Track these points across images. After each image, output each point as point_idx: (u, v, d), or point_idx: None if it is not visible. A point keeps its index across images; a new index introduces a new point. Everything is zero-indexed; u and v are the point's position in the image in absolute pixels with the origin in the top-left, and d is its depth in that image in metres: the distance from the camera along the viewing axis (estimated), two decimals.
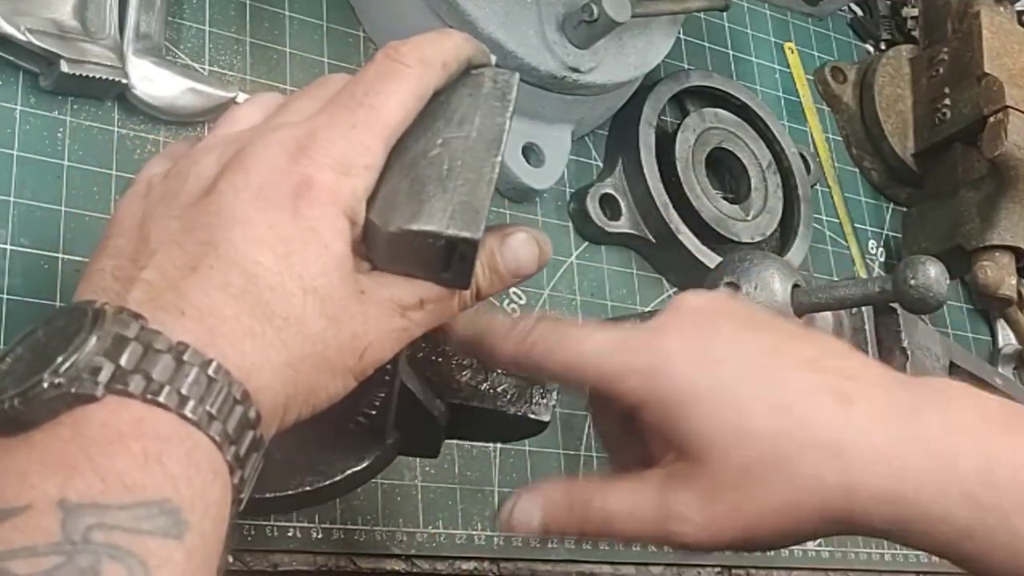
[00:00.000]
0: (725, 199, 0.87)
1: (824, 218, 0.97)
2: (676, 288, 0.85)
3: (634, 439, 0.52)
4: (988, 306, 1.00)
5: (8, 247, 0.60)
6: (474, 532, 0.69)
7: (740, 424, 0.48)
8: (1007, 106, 0.90)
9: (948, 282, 0.74)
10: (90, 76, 0.62)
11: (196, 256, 0.41)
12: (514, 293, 0.77)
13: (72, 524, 0.34)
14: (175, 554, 0.36)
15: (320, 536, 0.64)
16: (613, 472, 0.54)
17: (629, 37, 0.79)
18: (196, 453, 0.38)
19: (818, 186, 0.96)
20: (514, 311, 0.76)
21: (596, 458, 0.76)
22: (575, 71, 0.75)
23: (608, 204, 0.83)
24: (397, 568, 0.66)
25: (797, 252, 0.88)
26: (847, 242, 0.97)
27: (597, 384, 0.51)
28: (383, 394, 0.50)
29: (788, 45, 1.02)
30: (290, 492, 0.50)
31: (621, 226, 0.83)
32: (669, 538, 0.50)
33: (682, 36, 0.92)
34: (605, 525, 0.51)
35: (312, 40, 0.75)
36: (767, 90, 0.98)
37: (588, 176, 0.84)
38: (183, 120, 0.68)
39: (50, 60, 0.62)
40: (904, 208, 1.02)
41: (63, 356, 0.37)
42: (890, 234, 1.01)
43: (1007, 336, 1.02)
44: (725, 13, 0.97)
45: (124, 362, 0.38)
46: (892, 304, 0.79)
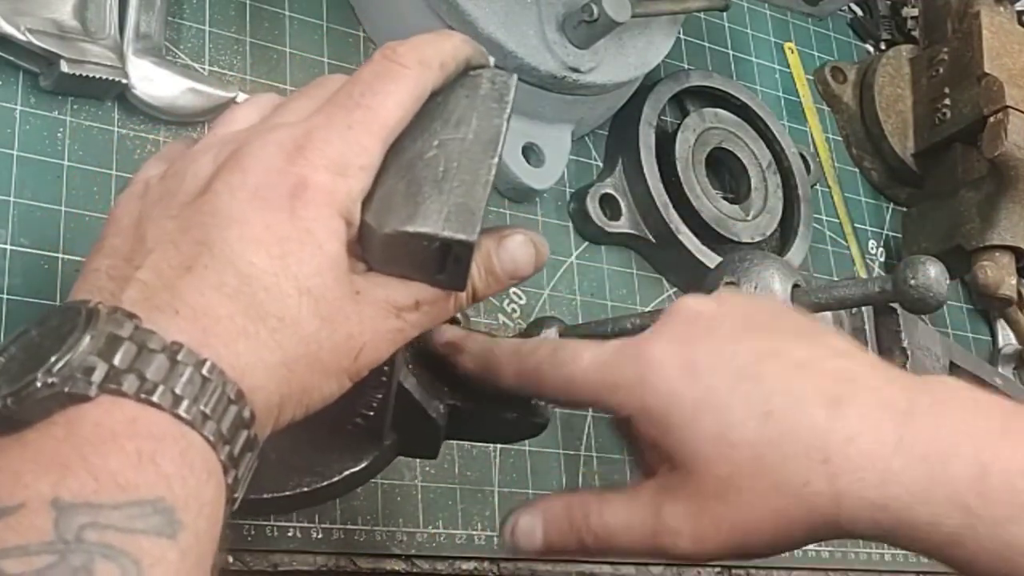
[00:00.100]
0: (725, 199, 0.87)
1: (824, 218, 0.97)
2: (676, 288, 0.85)
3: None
4: (988, 306, 1.00)
5: (8, 247, 0.60)
6: (474, 532, 0.69)
7: (724, 433, 0.47)
8: (1007, 106, 0.90)
9: (948, 282, 0.74)
10: (90, 76, 0.62)
11: (191, 256, 0.41)
12: (514, 293, 0.77)
13: (65, 523, 0.34)
14: (169, 553, 0.36)
15: (320, 536, 0.64)
16: (643, 477, 0.53)
17: (629, 37, 0.79)
18: (190, 453, 0.38)
19: (818, 186, 0.96)
20: (514, 311, 0.76)
21: (596, 458, 0.76)
22: (575, 71, 0.75)
23: (608, 204, 0.83)
24: (397, 568, 0.66)
25: (797, 252, 0.88)
26: (847, 242, 0.97)
27: (592, 400, 0.51)
28: (381, 395, 0.50)
29: (788, 45, 1.02)
30: (288, 493, 0.50)
31: (621, 226, 0.83)
32: (662, 550, 0.49)
33: (682, 36, 0.92)
34: (604, 539, 0.51)
35: (312, 40, 0.75)
36: (767, 90, 0.98)
37: (588, 176, 0.84)
38: (183, 120, 0.68)
39: (50, 60, 0.62)
40: (904, 208, 1.02)
41: (57, 355, 0.38)
42: (890, 234, 1.01)
43: (1007, 336, 1.01)
44: (725, 13, 0.97)
45: (118, 362, 0.38)
46: (892, 304, 0.79)
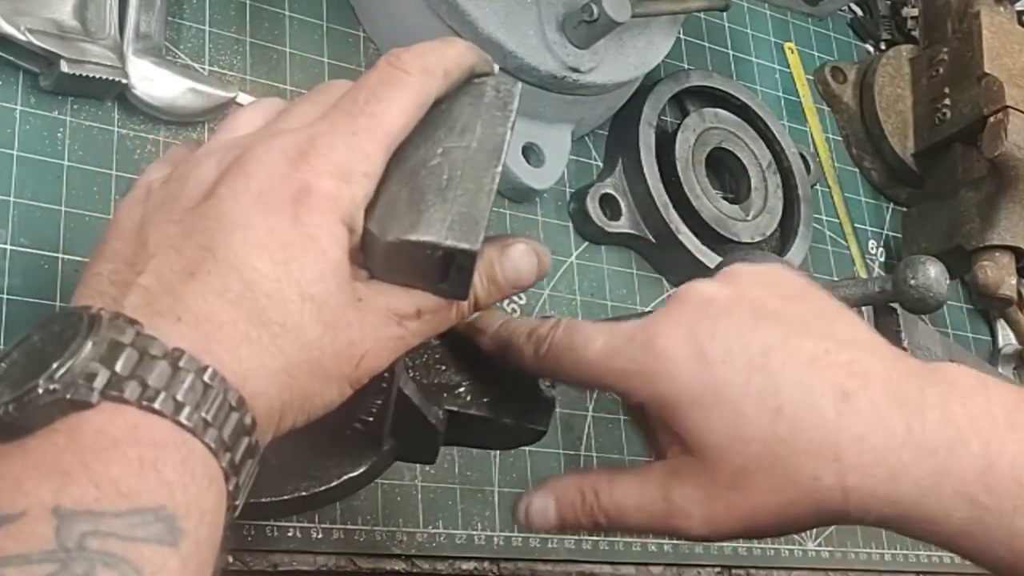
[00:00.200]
0: (725, 199, 0.87)
1: (824, 218, 0.97)
2: (676, 288, 0.85)
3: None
4: (988, 306, 1.00)
5: (8, 247, 0.60)
6: (474, 532, 0.69)
7: (736, 427, 0.47)
8: (1007, 106, 0.90)
9: (948, 282, 0.74)
10: (90, 76, 0.62)
11: (194, 261, 0.41)
12: None
13: (67, 531, 0.34)
14: (170, 561, 0.36)
15: (320, 536, 0.64)
16: (651, 456, 0.54)
17: (629, 37, 0.79)
18: (191, 460, 0.38)
19: (818, 186, 0.96)
20: (514, 311, 0.76)
21: (596, 458, 0.76)
22: (575, 71, 0.75)
23: (608, 204, 0.83)
24: (397, 568, 0.66)
25: (797, 252, 0.88)
26: (847, 242, 0.97)
27: (604, 385, 0.52)
28: (380, 401, 0.50)
29: (788, 45, 1.01)
30: (286, 497, 0.50)
31: (621, 226, 0.82)
32: (674, 531, 0.50)
33: (682, 36, 0.92)
34: (616, 517, 0.51)
35: (312, 40, 0.75)
36: (767, 90, 0.98)
37: (588, 176, 0.84)
38: (183, 120, 0.68)
39: (50, 60, 0.62)
40: (904, 208, 1.02)
41: (58, 362, 0.37)
42: (890, 234, 1.01)
43: (1007, 336, 1.01)
44: (725, 13, 0.96)
45: (119, 368, 0.38)
46: (892, 304, 0.79)
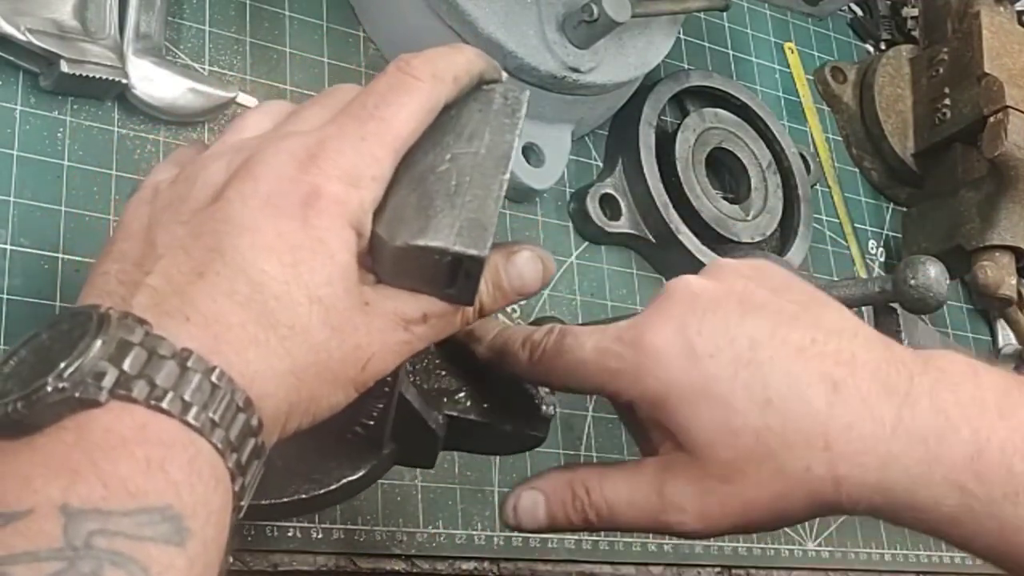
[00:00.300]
0: (725, 199, 0.87)
1: (824, 218, 0.97)
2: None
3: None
4: (988, 306, 1.00)
5: (8, 247, 0.60)
6: (474, 532, 0.69)
7: (726, 421, 0.48)
8: (1007, 106, 0.90)
9: (948, 282, 0.74)
10: (90, 76, 0.62)
11: (203, 262, 0.41)
12: None
13: (74, 529, 0.34)
14: (177, 561, 0.36)
15: (320, 536, 0.64)
16: (643, 454, 0.54)
17: (629, 37, 0.79)
18: (198, 460, 0.38)
19: (818, 186, 0.96)
20: (514, 311, 0.76)
21: (596, 458, 0.76)
22: (575, 71, 0.75)
23: (608, 204, 0.83)
24: (397, 568, 0.66)
25: (797, 252, 0.88)
26: (847, 242, 0.97)
27: (595, 387, 0.52)
28: (382, 405, 0.50)
29: (788, 45, 1.01)
30: (285, 500, 0.50)
31: (621, 226, 0.83)
32: (667, 527, 0.50)
33: (682, 36, 0.92)
34: (607, 515, 0.51)
35: (312, 40, 0.75)
36: (767, 90, 0.98)
37: (588, 176, 0.84)
38: (183, 120, 0.68)
39: (50, 60, 0.62)
40: (904, 208, 1.02)
41: (67, 360, 0.37)
42: (890, 234, 1.01)
43: (1007, 336, 1.01)
44: (725, 13, 0.97)
45: (128, 367, 0.38)
46: (892, 304, 0.79)
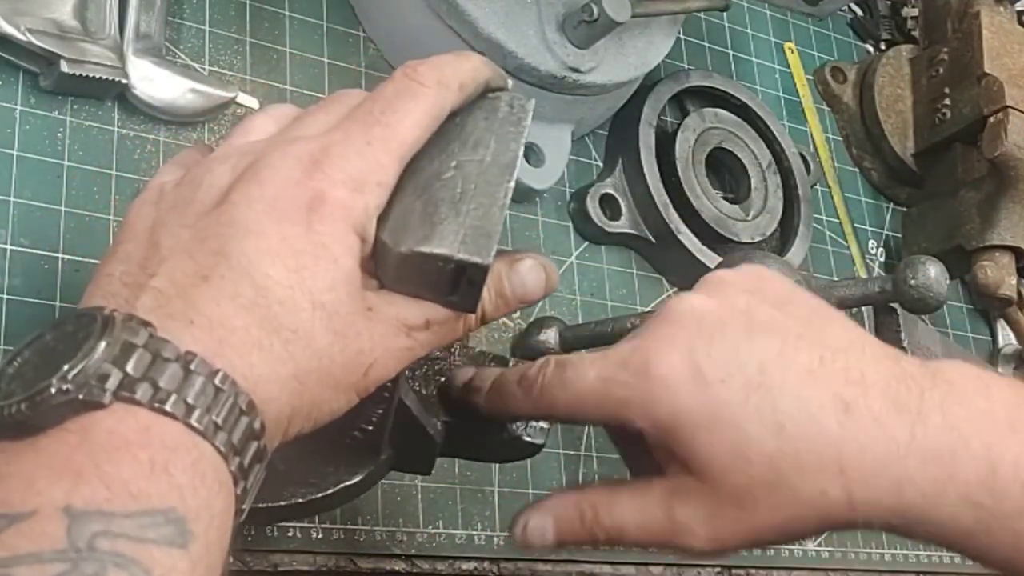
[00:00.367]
0: (725, 199, 0.87)
1: (824, 218, 0.97)
2: (676, 288, 0.85)
3: (646, 451, 0.52)
4: (988, 306, 1.00)
5: (8, 247, 0.60)
6: (474, 532, 0.69)
7: (738, 447, 0.47)
8: (1007, 106, 0.90)
9: (948, 282, 0.74)
10: (90, 76, 0.62)
11: (207, 265, 0.41)
12: None
13: (78, 531, 0.34)
14: (180, 563, 0.36)
15: (320, 536, 0.64)
16: (633, 475, 0.54)
17: (629, 37, 0.79)
18: (202, 463, 0.38)
19: (818, 186, 0.96)
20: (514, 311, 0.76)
21: (596, 458, 0.76)
22: (575, 71, 0.75)
23: (608, 204, 0.83)
24: (397, 568, 0.66)
25: (797, 252, 0.88)
26: (847, 242, 0.97)
27: (602, 416, 0.52)
28: (381, 410, 0.50)
29: (788, 45, 1.01)
30: (282, 503, 0.50)
31: (621, 226, 0.82)
32: (677, 548, 0.50)
33: (682, 36, 0.92)
34: (616, 536, 0.51)
35: (312, 40, 0.75)
36: (767, 90, 0.98)
37: (588, 176, 0.84)
38: (183, 120, 0.67)
39: (50, 60, 0.62)
40: (904, 208, 1.02)
41: (72, 362, 0.37)
42: (890, 234, 1.01)
43: (1007, 336, 1.02)
44: (725, 13, 0.96)
45: (132, 370, 0.38)
46: (892, 304, 0.79)
